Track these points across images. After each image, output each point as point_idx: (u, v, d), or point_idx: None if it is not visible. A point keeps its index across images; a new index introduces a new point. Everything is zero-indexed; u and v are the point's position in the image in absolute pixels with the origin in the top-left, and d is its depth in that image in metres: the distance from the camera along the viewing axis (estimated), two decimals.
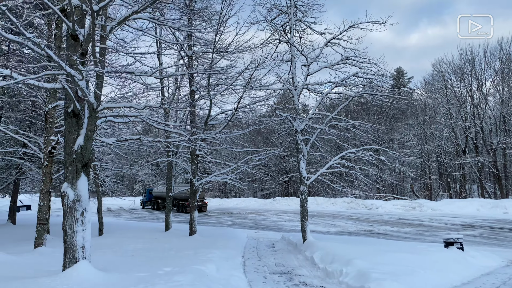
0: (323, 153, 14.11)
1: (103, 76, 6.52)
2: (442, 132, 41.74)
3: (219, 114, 15.86)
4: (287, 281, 8.44)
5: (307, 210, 12.83)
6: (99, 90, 6.42)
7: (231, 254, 11.17)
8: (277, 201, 42.20)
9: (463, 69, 39.95)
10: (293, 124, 12.81)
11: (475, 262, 10.42)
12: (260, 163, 17.65)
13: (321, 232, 18.72)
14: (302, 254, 11.53)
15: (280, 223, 23.77)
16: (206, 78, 15.31)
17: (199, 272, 7.10)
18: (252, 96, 15.72)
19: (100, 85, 6.54)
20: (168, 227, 16.82)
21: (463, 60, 39.79)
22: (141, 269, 7.32)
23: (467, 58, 39.50)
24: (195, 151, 15.26)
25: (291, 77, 13.36)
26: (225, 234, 17.59)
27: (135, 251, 10.47)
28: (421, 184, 48.07)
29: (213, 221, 26.67)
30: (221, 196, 63.45)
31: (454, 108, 40.40)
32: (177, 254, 10.01)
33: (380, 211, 30.83)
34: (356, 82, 13.15)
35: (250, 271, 9.44)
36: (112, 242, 12.41)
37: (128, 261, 8.52)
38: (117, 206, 47.55)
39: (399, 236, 17.05)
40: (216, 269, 8.12)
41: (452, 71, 40.96)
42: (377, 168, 17.06)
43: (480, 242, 15.05)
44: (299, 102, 13.46)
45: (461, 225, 20.85)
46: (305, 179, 12.77)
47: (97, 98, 6.34)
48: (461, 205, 29.86)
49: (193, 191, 15.42)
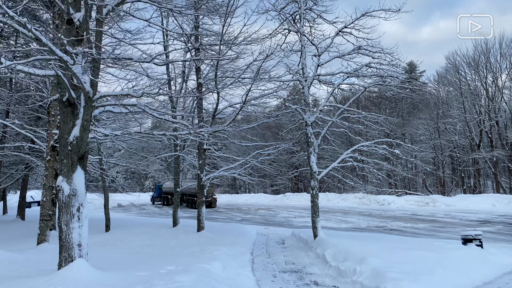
0: (334, 147, 13.62)
1: (99, 62, 6.13)
2: (456, 126, 40.86)
3: (227, 108, 15.46)
4: (298, 280, 8.02)
5: (318, 206, 12.39)
6: (95, 77, 6.04)
7: (240, 251, 10.78)
8: (287, 197, 41.80)
9: (477, 61, 38.99)
10: (303, 117, 12.34)
11: (496, 260, 9.90)
12: (269, 158, 17.26)
13: (332, 228, 18.32)
14: (313, 251, 11.10)
15: (290, 219, 23.39)
16: (214, 71, 14.91)
17: (203, 271, 6.71)
18: (261, 89, 15.31)
19: (96, 72, 6.14)
20: (176, 223, 16.52)
21: (477, 52, 38.83)
22: (143, 268, 6.96)
23: (482, 50, 38.52)
24: (203, 145, 14.90)
25: (301, 68, 12.87)
26: (234, 230, 17.25)
27: (140, 248, 10.15)
28: (434, 180, 47.23)
29: (222, 217, 26.42)
30: (231, 191, 63.29)
31: (468, 101, 39.47)
32: (182, 251, 9.65)
33: (392, 206, 30.26)
34: (369, 73, 12.61)
35: (259, 269, 9.03)
36: (118, 238, 12.12)
37: (131, 259, 8.17)
38: (127, 202, 47.85)
39: (413, 232, 16.56)
40: (223, 267, 7.73)
41: (466, 64, 40.02)
42: (389, 163, 16.52)
43: (498, 239, 14.49)
44: (310, 94, 12.98)
45: (477, 221, 20.24)
46: (315, 174, 12.31)
47: (93, 86, 5.96)
48: (476, 201, 29.18)
49: (200, 186, 15.07)
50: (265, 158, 16.59)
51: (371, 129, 12.88)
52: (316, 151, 12.44)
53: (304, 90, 12.54)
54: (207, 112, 16.65)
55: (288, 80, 13.00)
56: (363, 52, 12.51)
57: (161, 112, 7.42)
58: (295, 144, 16.98)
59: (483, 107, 38.36)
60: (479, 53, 38.66)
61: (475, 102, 38.83)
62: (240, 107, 14.52)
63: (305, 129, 12.47)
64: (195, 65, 15.30)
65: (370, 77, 12.66)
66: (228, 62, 15.60)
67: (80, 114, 6.13)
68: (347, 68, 12.60)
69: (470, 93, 39.30)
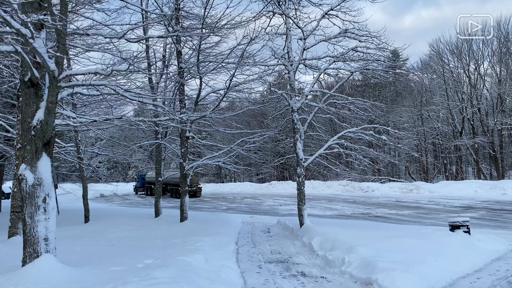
0: (320, 133, 13.28)
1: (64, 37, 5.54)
2: (439, 113, 41.10)
3: (210, 94, 14.96)
4: (284, 271, 7.68)
5: (304, 194, 12.08)
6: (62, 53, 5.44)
7: (224, 241, 10.41)
8: (272, 185, 41.64)
9: (460, 48, 39.10)
10: (289, 102, 11.93)
11: (483, 246, 9.77)
12: (255, 146, 16.88)
13: (318, 216, 18.14)
14: (299, 240, 10.80)
15: (275, 207, 23.16)
16: (196, 55, 14.36)
17: (184, 264, 6.29)
18: (246, 74, 14.82)
19: (62, 48, 5.55)
20: (158, 213, 16.04)
21: (460, 40, 38.90)
22: (119, 262, 6.51)
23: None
24: (185, 133, 14.39)
25: (286, 52, 12.42)
26: (219, 219, 16.89)
27: (119, 240, 9.66)
28: (417, 167, 47.66)
29: (207, 206, 26.05)
30: (216, 181, 62.90)
31: (451, 89, 39.68)
32: (163, 243, 9.21)
33: (377, 193, 30.34)
34: (355, 57, 12.25)
35: (244, 260, 8.68)
36: (97, 229, 11.61)
37: (108, 252, 7.70)
38: (110, 192, 47.13)
39: (398, 219, 16.48)
40: (205, 259, 7.33)
41: (450, 51, 40.10)
42: (375, 150, 16.30)
43: (483, 224, 14.47)
44: (296, 79, 12.57)
45: (460, 207, 20.33)
46: (302, 161, 11.97)
47: (58, 65, 5.38)
48: (459, 187, 29.44)
49: (183, 175, 14.60)
50: (251, 146, 16.21)
51: (357, 116, 12.55)
52: (302, 137, 12.08)
53: (289, 75, 12.11)
54: (190, 99, 16.11)
55: (273, 64, 12.56)
56: (349, 35, 12.11)
57: (135, 93, 6.87)
58: (280, 132, 16.58)
59: (465, 94, 38.61)
60: (462, 41, 38.78)
61: (457, 89, 39.04)
62: (224, 93, 14.05)
63: (291, 115, 12.08)
64: (176, 49, 14.70)
65: (357, 62, 12.31)
66: (211, 46, 15.06)
67: (45, 96, 5.57)
68: (333, 53, 12.20)
69: (453, 80, 39.48)
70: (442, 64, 40.71)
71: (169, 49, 16.74)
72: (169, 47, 16.67)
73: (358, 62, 12.43)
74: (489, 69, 38.81)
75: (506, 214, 16.94)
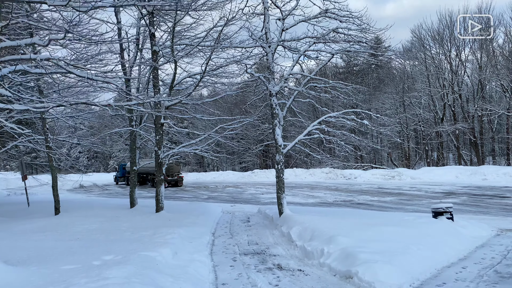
0: (300, 119, 12.77)
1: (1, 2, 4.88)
2: (421, 100, 41.12)
3: (186, 78, 14.27)
4: (260, 263, 7.20)
5: (284, 182, 11.59)
6: None
7: (199, 232, 9.88)
8: (255, 173, 41.22)
9: (442, 35, 38.98)
10: (267, 86, 11.37)
11: (467, 233, 9.50)
12: (235, 133, 16.32)
13: (300, 204, 17.81)
14: (278, 229, 10.35)
15: (257, 196, 22.75)
16: (170, 38, 13.63)
17: (146, 260, 5.74)
18: (224, 58, 14.16)
19: None
20: (134, 203, 15.40)
21: (442, 26, 38.79)
22: (74, 259, 5.91)
23: (447, 24, 38.51)
24: (160, 120, 13.73)
25: (264, 33, 11.80)
26: (197, 209, 16.35)
27: (85, 233, 9.02)
28: (399, 153, 47.85)
29: (188, 195, 25.51)
30: (199, 170, 62.31)
31: (432, 75, 39.66)
32: (132, 235, 8.61)
33: (359, 180, 30.21)
34: (336, 39, 11.73)
35: (218, 252, 8.17)
36: (65, 222, 10.93)
37: (66, 247, 7.07)
38: (90, 182, 46.27)
39: (380, 206, 16.25)
40: (173, 253, 6.78)
41: (431, 37, 39.96)
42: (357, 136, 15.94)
43: (465, 210, 14.29)
44: (274, 62, 11.98)
45: (441, 193, 20.27)
46: (281, 147, 11.46)
47: None
48: (440, 173, 29.51)
49: (158, 163, 13.97)
50: (229, 133, 15.65)
51: (338, 101, 12.07)
52: (282, 123, 11.56)
53: (268, 57, 11.52)
54: (165, 84, 15.41)
55: (251, 46, 11.92)
56: (330, 15, 11.56)
57: (83, 69, 6.17)
58: (261, 118, 16.03)
59: (446, 80, 38.63)
60: (444, 27, 38.69)
61: (439, 75, 39.03)
62: (200, 77, 13.41)
63: (269, 99, 11.52)
64: (149, 31, 13.93)
65: (339, 43, 11.79)
66: (186, 29, 14.35)
67: None
68: (314, 34, 11.65)
69: (435, 66, 39.44)
70: (423, 51, 40.60)
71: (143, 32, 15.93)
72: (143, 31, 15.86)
73: (339, 44, 11.91)
74: (470, 55, 38.91)
75: (487, 200, 16.86)
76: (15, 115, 14.57)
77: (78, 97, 13.64)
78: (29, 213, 14.75)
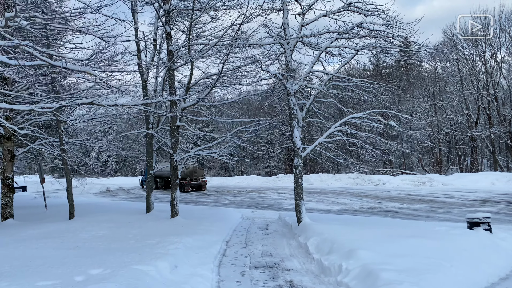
0: (321, 120, 11.94)
1: None
2: (453, 103, 39.32)
3: (202, 79, 13.75)
4: (270, 279, 6.44)
5: (302, 187, 10.79)
6: None
7: (210, 240, 9.23)
8: (279, 178, 40.39)
9: (476, 35, 37.14)
10: (284, 85, 10.65)
11: (508, 246, 8.46)
12: (259, 137, 15.67)
13: (324, 211, 16.98)
14: (296, 239, 9.57)
15: (280, 202, 22.01)
16: (187, 38, 13.16)
17: (136, 276, 5.09)
18: (241, 57, 13.54)
19: None
20: (150, 208, 14.95)
21: (476, 25, 36.93)
22: (57, 273, 5.34)
23: (481, 23, 36.65)
24: (175, 122, 13.23)
25: (283, 29, 11.10)
26: (215, 214, 15.78)
27: (88, 241, 8.50)
28: (430, 158, 45.94)
29: (210, 200, 25.07)
30: (223, 174, 62.08)
31: (465, 77, 37.83)
32: (135, 244, 8.02)
33: (388, 186, 28.93)
34: (360, 34, 10.89)
35: (227, 265, 7.47)
36: (74, 228, 10.52)
37: (59, 257, 6.51)
38: (116, 186, 47.11)
39: (410, 214, 15.21)
40: (173, 267, 6.12)
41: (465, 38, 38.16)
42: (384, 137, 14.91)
43: (503, 220, 13.12)
44: (293, 59, 11.26)
45: (476, 200, 18.94)
46: (299, 150, 10.69)
47: None
48: (474, 179, 27.89)
49: (174, 167, 13.46)
50: (249, 136, 15.02)
51: (364, 103, 11.20)
52: (301, 124, 10.79)
53: (286, 54, 10.79)
54: (182, 85, 14.93)
55: (269, 43, 11.23)
56: (353, 9, 10.75)
57: (92, 75, 5.54)
58: (284, 121, 15.31)
59: (481, 82, 36.74)
60: None
61: (473, 77, 37.18)
62: (217, 78, 12.85)
63: (287, 98, 10.78)
64: (165, 31, 13.50)
65: (363, 39, 10.94)
66: (204, 28, 13.85)
67: None
68: (336, 29, 10.86)
69: (468, 68, 37.62)
70: (456, 51, 38.83)
71: (161, 35, 15.55)
72: (161, 32, 15.48)
73: (364, 40, 11.06)
74: (506, 55, 36.89)
75: None
76: (31, 117, 14.44)
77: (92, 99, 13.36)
78: (44, 217, 14.54)
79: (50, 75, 10.03)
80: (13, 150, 13.77)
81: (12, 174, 13.69)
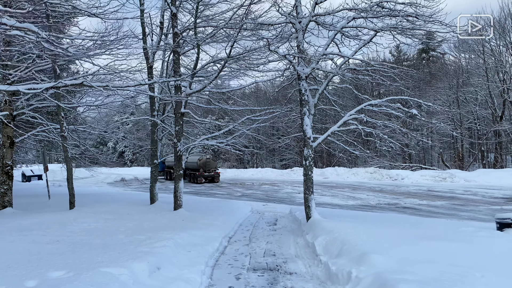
0: (336, 107, 10.95)
1: None
2: (477, 96, 37.54)
3: (209, 63, 12.91)
4: (267, 285, 5.59)
5: (312, 180, 9.88)
6: None
7: (209, 236, 8.43)
8: (294, 171, 39.50)
9: (503, 24, 35.19)
10: (295, 68, 9.72)
11: None
12: (275, 129, 14.80)
13: (338, 206, 16.08)
14: (303, 237, 8.70)
15: (293, 195, 21.18)
16: (193, 18, 12.34)
17: (101, 281, 4.23)
18: (252, 40, 12.62)
19: None
20: (154, 199, 14.26)
21: (504, 14, 35.01)
22: (9, 275, 4.41)
23: (509, 12, 34.70)
24: (180, 109, 12.46)
25: (294, 7, 10.13)
26: (223, 207, 15.03)
27: (75, 234, 7.73)
28: (452, 154, 44.23)
29: (222, 192, 24.40)
30: (238, 166, 61.46)
31: (491, 69, 35.97)
32: (123, 239, 7.21)
33: (406, 182, 27.73)
34: (381, 13, 9.84)
35: (223, 265, 6.64)
36: (67, 219, 9.85)
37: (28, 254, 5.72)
38: (131, 176, 47.32)
39: (430, 211, 14.20)
40: (154, 269, 5.27)
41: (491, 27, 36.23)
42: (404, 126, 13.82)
43: None
44: (305, 41, 10.29)
45: (502, 198, 17.78)
46: (310, 140, 9.78)
47: None
48: (499, 176, 26.51)
49: (177, 156, 12.71)
50: (259, 125, 14.18)
51: (382, 89, 10.17)
52: (312, 112, 9.86)
53: (297, 34, 9.83)
54: (188, 70, 14.13)
55: (279, 23, 10.28)
56: None
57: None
58: (292, 109, 14.39)
59: (508, 74, 34.87)
60: (506, 15, 34.90)
61: (499, 69, 35.32)
62: (224, 62, 12.00)
63: (298, 83, 9.85)
64: (171, 11, 12.70)
65: (383, 19, 9.89)
66: (210, 8, 12.99)
67: None
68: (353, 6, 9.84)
69: (494, 59, 35.74)
70: (482, 42, 36.94)
71: (168, 17, 14.76)
72: (168, 16, 14.69)
73: (384, 20, 10.01)
74: None
75: None
76: (33, 102, 13.89)
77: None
78: (44, 207, 14.01)
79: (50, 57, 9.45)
80: (13, 136, 13.25)
81: (12, 161, 13.17)
